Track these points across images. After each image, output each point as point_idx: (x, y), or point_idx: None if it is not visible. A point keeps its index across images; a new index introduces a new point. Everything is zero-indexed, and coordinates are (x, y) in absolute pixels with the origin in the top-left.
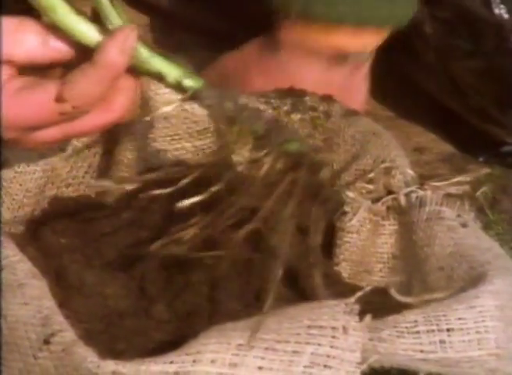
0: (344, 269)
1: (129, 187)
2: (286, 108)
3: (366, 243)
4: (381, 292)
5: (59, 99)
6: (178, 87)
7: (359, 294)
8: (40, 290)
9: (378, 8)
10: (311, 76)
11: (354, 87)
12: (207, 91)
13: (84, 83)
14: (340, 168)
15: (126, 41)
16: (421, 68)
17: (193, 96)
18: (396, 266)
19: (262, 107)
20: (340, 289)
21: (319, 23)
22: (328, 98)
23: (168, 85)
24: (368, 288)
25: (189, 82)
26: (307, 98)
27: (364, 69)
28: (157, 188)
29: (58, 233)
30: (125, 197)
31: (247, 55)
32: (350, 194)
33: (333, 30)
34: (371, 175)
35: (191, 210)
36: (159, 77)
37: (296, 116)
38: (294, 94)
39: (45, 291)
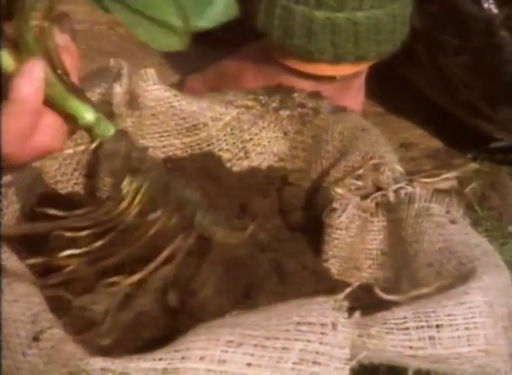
0: (333, 266)
1: None
2: (274, 104)
3: (355, 239)
4: (370, 289)
5: None
6: (88, 132)
7: (348, 290)
8: (30, 287)
9: (354, 47)
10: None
11: (346, 102)
12: (112, 142)
13: (5, 121)
14: (329, 164)
15: (33, 74)
16: (410, 63)
17: (100, 144)
18: (385, 262)
19: (251, 104)
20: (329, 285)
21: (297, 54)
22: (316, 95)
23: (80, 127)
24: (357, 284)
25: (99, 130)
26: (295, 95)
27: (356, 86)
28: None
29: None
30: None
31: (245, 59)
32: (339, 190)
33: (312, 60)
34: (360, 171)
35: None
36: (72, 119)
37: (284, 113)
38: (283, 91)
39: (34, 289)
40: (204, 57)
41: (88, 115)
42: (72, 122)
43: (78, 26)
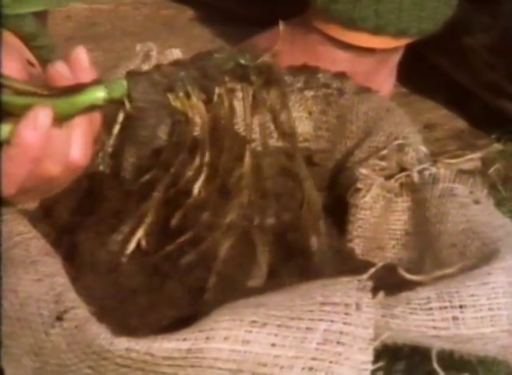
0: (357, 246)
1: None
2: (299, 85)
3: (379, 220)
4: (394, 269)
5: None
6: (114, 103)
7: (372, 270)
8: (54, 267)
9: (396, 19)
10: (336, 65)
11: (379, 80)
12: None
13: (4, 165)
14: (353, 144)
15: (38, 121)
16: (434, 44)
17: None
18: (408, 242)
19: None
20: (353, 266)
21: (340, 20)
22: (341, 75)
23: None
24: (381, 265)
25: (118, 91)
26: (320, 75)
27: (392, 63)
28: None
29: (72, 211)
30: (137, 173)
31: (280, 32)
32: (363, 170)
33: (354, 28)
34: (385, 152)
35: None
36: (92, 108)
37: (309, 93)
38: (307, 71)
39: (58, 268)
40: (228, 36)
41: (98, 92)
42: (91, 110)
43: (103, 6)
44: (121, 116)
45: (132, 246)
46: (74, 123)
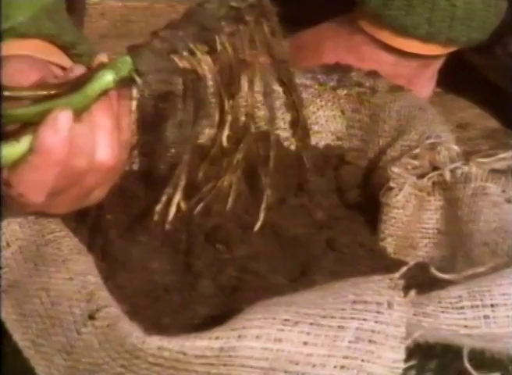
0: (389, 245)
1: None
2: (332, 83)
3: (411, 218)
4: (425, 267)
5: (6, 184)
6: (127, 82)
7: (404, 269)
8: (86, 265)
9: (448, 28)
10: (379, 66)
11: (420, 84)
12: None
13: (25, 170)
14: (386, 143)
15: (58, 124)
16: None
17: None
18: (440, 241)
19: (309, 82)
20: (385, 264)
21: (391, 26)
22: (373, 74)
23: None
24: (413, 263)
25: (125, 69)
26: (353, 74)
27: (434, 68)
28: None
29: (104, 209)
30: (170, 171)
31: (324, 32)
32: (396, 169)
33: (405, 35)
34: (417, 151)
35: None
36: (104, 92)
37: (342, 92)
38: (340, 70)
39: (91, 267)
40: None
41: (106, 76)
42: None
43: (138, 4)
44: (135, 93)
45: (173, 210)
46: (97, 124)
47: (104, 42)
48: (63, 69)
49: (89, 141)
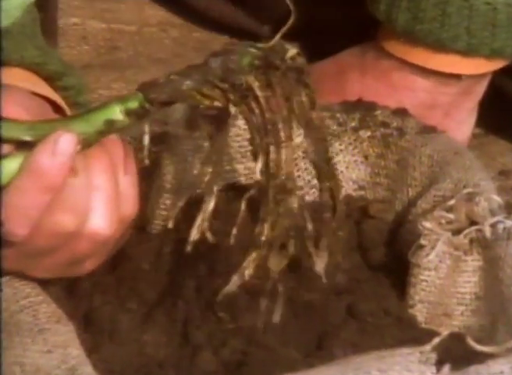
0: (420, 312)
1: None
2: (353, 124)
3: (445, 282)
4: (462, 338)
5: None
6: (138, 117)
7: (436, 340)
8: (66, 336)
9: (491, 37)
10: (413, 94)
11: (459, 118)
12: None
13: (11, 193)
14: (416, 193)
15: (57, 146)
16: None
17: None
18: (479, 308)
19: (326, 122)
20: (415, 335)
21: (425, 42)
22: (401, 112)
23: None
24: (447, 334)
25: (133, 104)
26: (377, 112)
27: (475, 97)
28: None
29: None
30: (165, 229)
31: (346, 60)
32: (428, 224)
33: (441, 51)
34: (452, 202)
35: None
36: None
37: (365, 133)
38: (363, 108)
39: (72, 338)
40: None
41: (112, 106)
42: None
43: (124, 28)
44: (147, 128)
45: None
46: (94, 185)
47: (87, 73)
48: (50, 102)
49: (81, 200)
